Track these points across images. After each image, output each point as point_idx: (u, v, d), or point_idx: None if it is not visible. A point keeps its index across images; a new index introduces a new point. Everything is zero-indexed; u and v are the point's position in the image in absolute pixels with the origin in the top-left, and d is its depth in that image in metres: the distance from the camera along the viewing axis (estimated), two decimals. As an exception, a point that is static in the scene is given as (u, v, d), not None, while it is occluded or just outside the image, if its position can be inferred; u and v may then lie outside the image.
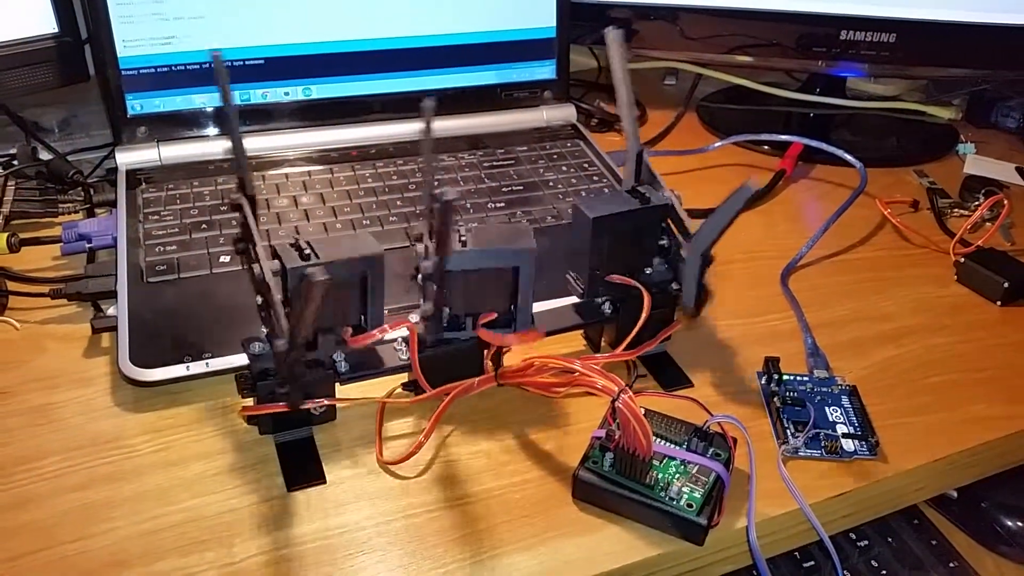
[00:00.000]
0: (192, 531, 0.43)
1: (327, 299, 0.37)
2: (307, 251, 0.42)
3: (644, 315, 0.50)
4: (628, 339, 0.50)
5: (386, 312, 0.46)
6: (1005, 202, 0.71)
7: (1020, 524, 0.61)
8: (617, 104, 0.52)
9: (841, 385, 0.53)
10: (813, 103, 0.92)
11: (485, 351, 0.49)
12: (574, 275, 0.52)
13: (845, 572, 0.61)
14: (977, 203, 0.74)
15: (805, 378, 0.54)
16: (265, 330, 0.45)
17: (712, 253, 0.48)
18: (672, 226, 0.52)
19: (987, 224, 0.72)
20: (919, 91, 0.99)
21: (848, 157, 0.73)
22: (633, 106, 0.52)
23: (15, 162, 0.70)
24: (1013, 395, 0.54)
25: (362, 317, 0.46)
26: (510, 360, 0.50)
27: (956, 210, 0.76)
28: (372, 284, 0.45)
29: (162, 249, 0.60)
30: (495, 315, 0.47)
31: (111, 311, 0.55)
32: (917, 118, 0.93)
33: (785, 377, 0.53)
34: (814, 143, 0.76)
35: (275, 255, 0.43)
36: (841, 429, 0.50)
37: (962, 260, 0.65)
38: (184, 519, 0.43)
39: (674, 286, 0.52)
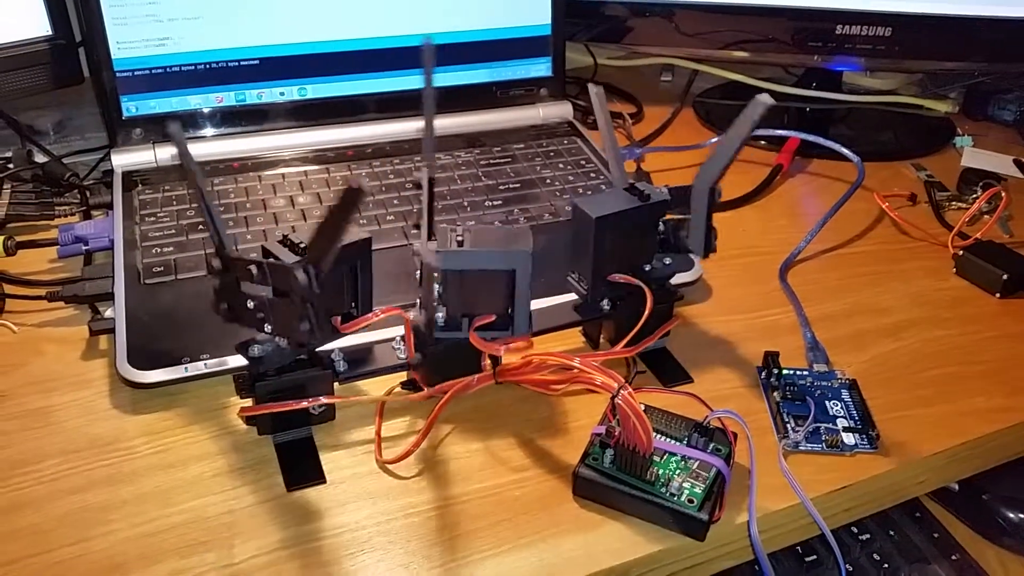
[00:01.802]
0: (192, 533, 0.43)
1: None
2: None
3: (647, 312, 0.49)
4: (630, 336, 0.50)
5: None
6: (1003, 194, 0.70)
7: (1022, 516, 0.61)
8: (604, 150, 0.52)
9: (841, 379, 0.53)
10: (810, 98, 0.92)
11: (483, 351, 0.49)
12: (576, 276, 0.51)
13: (847, 566, 0.60)
14: (975, 196, 0.74)
15: (805, 372, 0.53)
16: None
17: (719, 188, 0.47)
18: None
19: (985, 217, 0.72)
20: (916, 85, 0.99)
21: (845, 151, 0.73)
22: (619, 154, 0.51)
23: (11, 165, 0.70)
24: (1013, 387, 0.54)
25: (352, 305, 0.45)
26: (509, 357, 0.50)
27: (954, 203, 0.75)
28: (361, 270, 0.44)
29: (159, 251, 0.60)
30: (493, 317, 0.47)
31: (108, 313, 0.55)
32: (914, 112, 0.93)
33: (785, 371, 0.53)
34: (811, 138, 0.76)
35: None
36: (841, 423, 0.49)
37: (960, 253, 0.65)
38: (184, 521, 0.43)
39: (673, 281, 0.52)
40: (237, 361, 0.49)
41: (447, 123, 0.77)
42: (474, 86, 0.78)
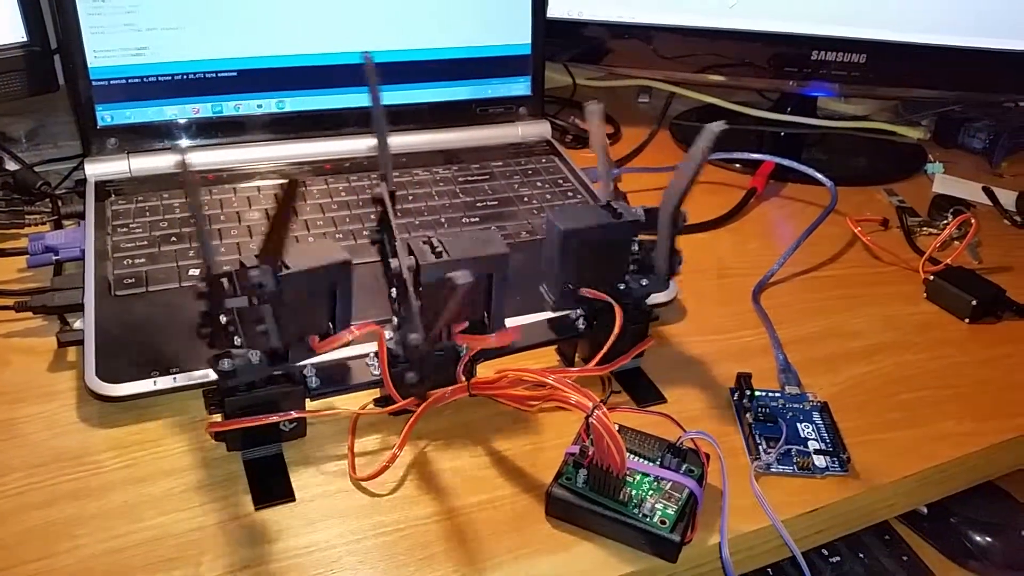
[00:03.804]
0: (159, 549, 0.42)
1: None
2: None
3: (616, 329, 0.50)
4: (601, 354, 0.50)
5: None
6: (973, 221, 0.71)
7: (989, 539, 0.62)
8: (598, 169, 0.52)
9: (812, 401, 0.53)
10: (784, 122, 0.93)
11: (458, 363, 0.49)
12: (546, 287, 0.52)
13: (817, 588, 0.61)
14: (945, 222, 0.75)
15: (777, 394, 0.54)
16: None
17: (684, 212, 0.48)
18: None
19: (955, 242, 0.73)
20: (889, 111, 1.00)
21: (818, 176, 0.74)
22: (612, 175, 0.52)
23: (-19, 173, 0.69)
24: (981, 411, 0.54)
25: (330, 325, 0.45)
26: (483, 373, 0.50)
27: (925, 228, 0.77)
28: (340, 291, 0.44)
29: (130, 262, 0.59)
30: (466, 324, 0.47)
31: (78, 325, 0.54)
32: (887, 138, 0.95)
33: (757, 393, 0.53)
34: (785, 162, 0.77)
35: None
36: (813, 445, 0.50)
37: (931, 278, 0.66)
38: (151, 537, 0.42)
39: (648, 302, 0.52)
40: (207, 375, 0.49)
41: (426, 139, 0.77)
42: (454, 103, 0.78)
